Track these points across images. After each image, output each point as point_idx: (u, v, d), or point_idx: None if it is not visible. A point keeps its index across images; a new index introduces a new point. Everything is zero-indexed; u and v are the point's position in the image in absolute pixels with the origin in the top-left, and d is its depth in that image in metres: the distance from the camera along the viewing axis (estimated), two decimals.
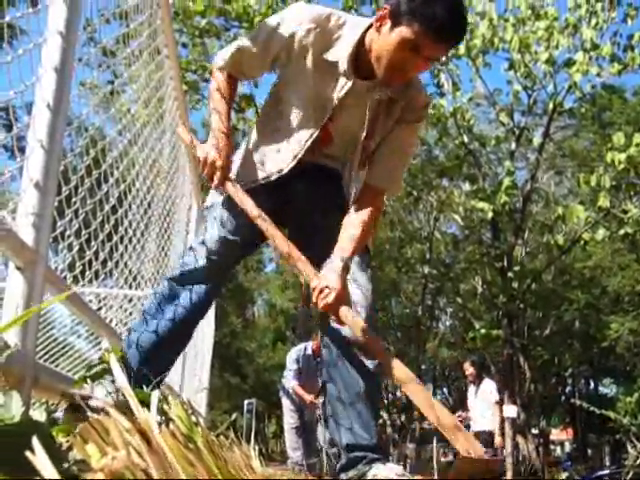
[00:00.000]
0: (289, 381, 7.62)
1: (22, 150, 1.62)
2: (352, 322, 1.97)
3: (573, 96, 14.86)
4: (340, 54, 2.05)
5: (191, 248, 2.28)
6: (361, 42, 2.04)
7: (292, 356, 7.76)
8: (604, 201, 12.52)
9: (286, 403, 7.72)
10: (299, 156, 2.17)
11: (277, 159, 2.21)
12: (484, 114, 19.48)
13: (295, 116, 2.18)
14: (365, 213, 2.15)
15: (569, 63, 13.19)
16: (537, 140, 16.33)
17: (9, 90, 1.52)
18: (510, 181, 13.26)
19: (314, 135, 2.15)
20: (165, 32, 3.35)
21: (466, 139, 15.33)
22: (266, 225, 2.08)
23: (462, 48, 13.31)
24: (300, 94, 2.15)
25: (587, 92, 14.55)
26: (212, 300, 2.30)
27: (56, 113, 1.59)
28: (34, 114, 1.59)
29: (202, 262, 2.20)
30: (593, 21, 13.15)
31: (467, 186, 17.11)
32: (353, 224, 2.13)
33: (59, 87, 1.61)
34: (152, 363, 2.10)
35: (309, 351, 7.59)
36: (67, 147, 2.10)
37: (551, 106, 15.17)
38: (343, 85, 2.08)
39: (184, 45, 12.04)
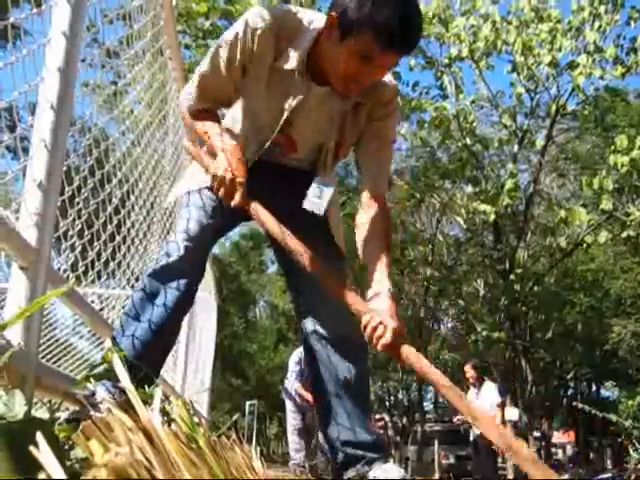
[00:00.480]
0: (292, 382, 7.62)
1: (25, 150, 1.63)
2: (417, 361, 1.72)
3: (576, 99, 14.90)
4: (295, 60, 1.97)
5: (167, 242, 2.19)
6: (316, 45, 1.96)
7: (294, 358, 7.77)
8: (607, 204, 12.52)
9: (289, 405, 7.72)
10: (248, 164, 2.07)
11: None
12: (487, 116, 19.47)
13: (249, 124, 2.13)
14: (383, 226, 2.09)
15: (572, 66, 13.20)
16: (540, 142, 16.33)
17: (13, 90, 1.53)
18: (513, 183, 13.27)
19: (266, 145, 2.11)
20: (168, 33, 3.36)
21: (469, 141, 15.33)
22: (295, 245, 1.92)
23: (465, 51, 13.33)
24: (254, 103, 2.09)
25: (590, 95, 14.56)
26: (192, 296, 2.18)
27: (60, 113, 1.60)
28: (38, 114, 1.60)
29: (178, 252, 2.08)
30: (596, 24, 13.16)
31: (470, 188, 17.12)
32: (379, 245, 2.04)
33: (63, 88, 1.61)
34: (141, 365, 1.88)
35: None
36: (70, 147, 2.11)
37: (554, 108, 15.18)
38: (297, 94, 2.02)
39: (187, 46, 12.04)
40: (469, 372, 8.53)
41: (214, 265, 9.17)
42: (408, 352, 1.73)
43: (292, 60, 1.98)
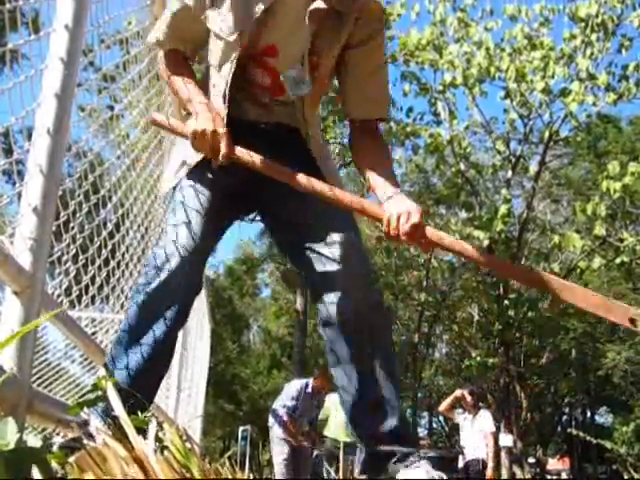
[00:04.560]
0: (281, 415, 7.38)
1: (19, 173, 1.63)
2: (440, 238, 1.75)
3: (569, 125, 14.98)
4: None
5: (154, 253, 1.93)
6: None
7: (292, 392, 7.48)
8: (600, 230, 12.57)
9: (277, 432, 7.44)
10: (227, 95, 1.88)
11: None
12: (480, 142, 19.60)
13: (218, 55, 1.92)
14: (379, 151, 1.98)
15: (565, 92, 13.31)
16: (533, 168, 16.42)
17: (10, 115, 1.53)
18: (506, 209, 13.32)
19: (234, 63, 1.87)
20: None
21: (463, 167, 15.41)
22: (307, 181, 1.79)
23: (459, 77, 13.43)
24: (220, 23, 1.87)
25: (583, 121, 14.66)
26: (186, 314, 1.95)
27: (56, 139, 1.60)
28: (34, 139, 1.60)
29: (169, 265, 1.84)
30: (588, 51, 13.29)
31: (464, 214, 17.19)
32: (377, 162, 1.92)
33: (59, 113, 1.62)
34: (134, 392, 1.68)
35: (309, 389, 7.39)
36: (65, 171, 2.11)
37: (547, 135, 15.28)
38: None
39: None
40: (467, 398, 8.46)
41: (207, 289, 9.15)
42: (431, 232, 1.76)
43: None
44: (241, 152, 1.82)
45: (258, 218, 2.15)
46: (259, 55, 1.91)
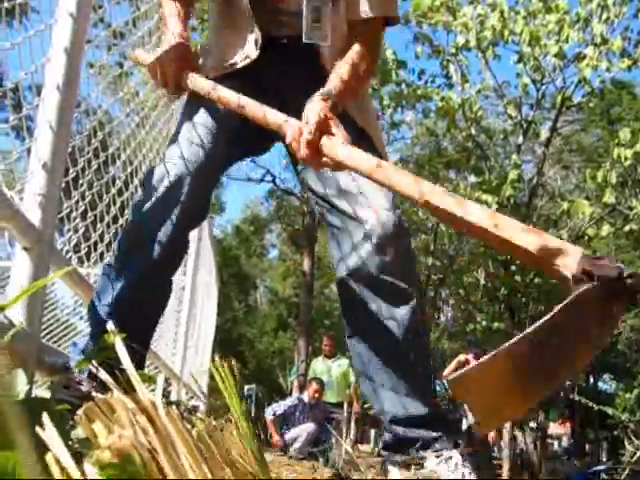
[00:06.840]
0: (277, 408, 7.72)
1: (29, 129, 1.63)
2: (347, 157, 1.37)
3: (582, 91, 14.81)
4: None
5: (151, 172, 1.76)
6: None
7: (286, 401, 7.94)
8: (610, 197, 12.51)
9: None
10: (255, 25, 1.75)
11: (241, 42, 1.80)
12: (492, 106, 19.39)
13: None
14: (355, 50, 1.68)
15: (579, 57, 13.15)
16: (545, 134, 16.28)
17: (19, 70, 1.53)
18: (516, 174, 13.25)
19: None
20: None
21: (474, 131, 15.29)
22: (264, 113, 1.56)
23: (472, 40, 13.27)
24: None
25: (596, 87, 14.49)
26: (183, 239, 1.78)
27: (65, 95, 1.60)
28: (44, 95, 1.60)
29: (167, 181, 1.68)
30: (604, 15, 13.09)
31: (473, 178, 17.12)
32: (340, 64, 1.66)
33: (69, 69, 1.61)
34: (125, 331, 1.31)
35: (306, 399, 7.78)
36: (74, 128, 2.10)
37: (559, 100, 15.11)
38: None
39: (193, 29, 12.00)
40: (471, 362, 8.48)
41: (214, 247, 9.18)
42: (329, 146, 1.39)
43: None
44: (189, 83, 1.71)
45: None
46: None
